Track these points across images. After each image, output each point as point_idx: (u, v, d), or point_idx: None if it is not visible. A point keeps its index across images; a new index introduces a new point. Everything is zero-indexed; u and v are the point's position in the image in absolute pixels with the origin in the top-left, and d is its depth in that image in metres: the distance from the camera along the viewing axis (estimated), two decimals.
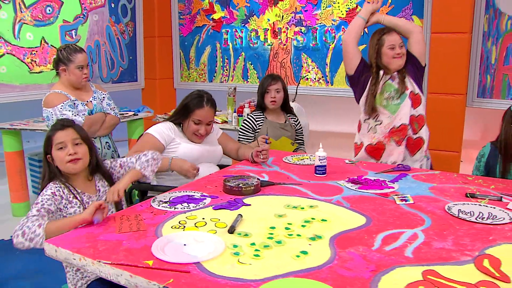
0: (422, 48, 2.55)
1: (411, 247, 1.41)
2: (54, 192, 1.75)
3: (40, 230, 1.54)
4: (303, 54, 4.09)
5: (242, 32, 4.35)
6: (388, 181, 2.05)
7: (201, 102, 2.35)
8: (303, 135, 3.10)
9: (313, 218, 1.63)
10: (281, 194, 1.90)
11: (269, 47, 4.22)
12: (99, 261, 1.34)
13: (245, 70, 4.40)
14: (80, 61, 2.58)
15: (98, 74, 4.27)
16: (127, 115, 3.90)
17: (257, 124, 2.93)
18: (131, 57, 4.59)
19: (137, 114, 3.94)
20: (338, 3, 3.85)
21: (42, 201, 1.70)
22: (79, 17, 4.01)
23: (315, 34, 4.01)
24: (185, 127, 2.40)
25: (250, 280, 1.22)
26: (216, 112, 3.75)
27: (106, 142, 2.77)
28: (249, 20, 4.27)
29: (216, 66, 4.56)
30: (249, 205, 1.78)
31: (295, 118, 3.05)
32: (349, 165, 2.38)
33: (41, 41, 3.70)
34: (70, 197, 1.78)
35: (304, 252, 1.37)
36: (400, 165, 2.31)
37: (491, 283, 1.20)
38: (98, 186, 1.89)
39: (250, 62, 4.35)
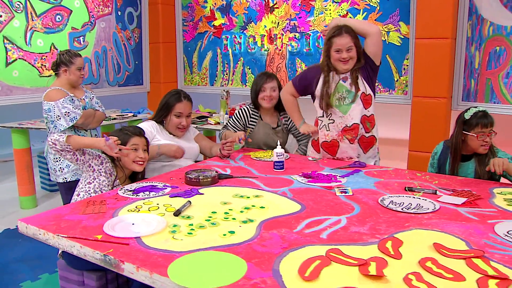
0: (377, 49, 2.62)
1: (329, 231, 1.61)
2: (101, 156, 2.18)
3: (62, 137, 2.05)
4: (298, 59, 4.30)
5: (240, 38, 4.59)
6: (339, 176, 2.24)
7: (179, 97, 2.67)
8: (299, 131, 3.04)
9: (253, 206, 1.85)
10: (235, 186, 2.13)
11: (266, 52, 4.45)
12: (58, 235, 1.60)
13: (243, 74, 4.63)
14: (79, 64, 2.98)
15: (105, 78, 4.59)
16: (127, 116, 4.19)
17: (250, 120, 3.03)
18: (137, 62, 4.90)
19: (136, 116, 4.24)
20: (330, 10, 4.04)
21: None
22: (87, 24, 4.34)
23: (308, 40, 4.22)
24: (167, 124, 2.68)
25: (175, 252, 1.45)
26: (213, 114, 4.00)
27: (95, 135, 3.18)
28: (247, 26, 4.52)
29: (217, 71, 4.82)
30: (202, 194, 2.02)
31: (287, 117, 3.06)
32: (311, 162, 2.58)
33: (50, 47, 4.04)
34: (107, 172, 2.18)
35: (232, 232, 1.59)
36: (357, 162, 2.50)
37: (380, 258, 1.39)
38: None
39: (248, 67, 4.59)
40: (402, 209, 1.82)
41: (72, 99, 2.94)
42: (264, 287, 1.23)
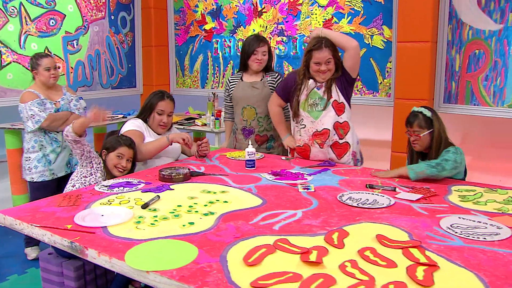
0: (354, 64, 2.74)
1: (283, 223, 1.74)
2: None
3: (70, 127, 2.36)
4: (285, 62, 4.43)
5: (230, 41, 4.74)
6: (307, 174, 2.37)
7: (162, 96, 2.83)
8: None
9: (217, 200, 1.99)
10: (205, 182, 2.27)
11: None
12: (32, 225, 1.74)
13: None
14: (46, 64, 3.12)
15: (99, 80, 4.75)
16: (117, 117, 4.35)
17: (231, 86, 3.24)
18: (130, 65, 5.06)
19: (126, 117, 4.38)
20: (316, 14, 4.17)
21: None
22: (81, 28, 4.50)
23: (295, 43, 4.35)
24: (150, 121, 2.84)
25: (136, 240, 1.58)
26: (202, 116, 4.13)
27: None
28: (236, 30, 4.66)
29: (207, 73, 4.97)
30: (173, 189, 2.15)
31: (274, 75, 3.18)
32: (284, 161, 2.71)
33: (44, 50, 4.19)
34: (101, 172, 2.47)
35: (191, 223, 1.73)
36: (327, 161, 2.62)
37: (322, 247, 1.51)
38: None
39: (237, 70, 4.72)
40: (357, 204, 1.94)
41: (42, 102, 3.08)
42: (208, 270, 1.36)
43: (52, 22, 4.25)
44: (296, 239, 1.58)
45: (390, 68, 3.94)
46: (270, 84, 3.16)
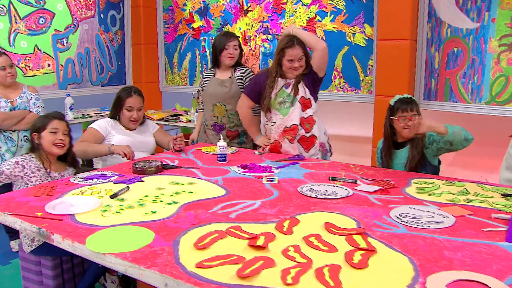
0: (321, 64, 2.89)
1: (240, 212, 1.86)
2: (18, 162, 2.33)
3: None
4: (270, 59, 4.54)
5: None
6: (275, 167, 2.49)
7: (129, 92, 2.95)
8: None
9: (183, 191, 2.11)
10: (176, 175, 2.39)
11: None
12: (4, 213, 1.86)
13: None
14: (1, 63, 3.19)
15: (88, 77, 4.89)
16: (104, 114, 4.48)
17: (204, 82, 3.37)
18: (120, 63, 5.19)
19: None
20: (300, 13, 4.29)
21: (3, 165, 2.30)
22: (70, 26, 4.63)
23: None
24: (121, 118, 2.96)
25: (99, 226, 1.71)
26: (188, 113, 4.26)
27: (25, 136, 3.31)
28: (223, 28, 4.77)
29: (196, 71, 5.09)
30: (144, 181, 2.27)
31: (243, 70, 3.30)
32: (255, 155, 2.84)
33: (34, 48, 4.33)
34: (34, 168, 2.34)
35: (154, 211, 1.85)
36: (297, 155, 2.74)
37: (270, 233, 1.63)
38: (67, 168, 2.50)
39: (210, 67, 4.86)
40: (315, 195, 2.05)
41: None
42: (160, 253, 1.48)
43: (42, 21, 4.38)
44: (249, 226, 1.70)
45: (372, 66, 4.05)
46: (239, 80, 3.29)
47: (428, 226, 1.72)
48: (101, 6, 4.91)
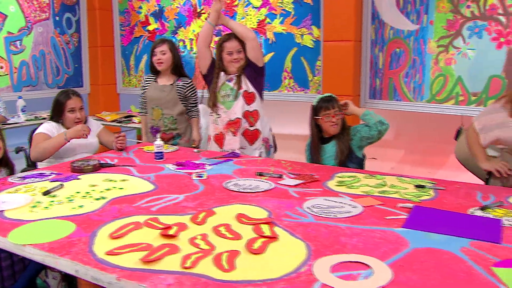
0: (256, 54, 3.08)
1: (162, 205, 2.01)
2: None
3: None
4: None
5: None
6: (209, 164, 2.66)
7: (68, 95, 3.06)
8: (196, 99, 3.58)
9: (114, 187, 2.25)
10: (112, 172, 2.53)
11: (195, 55, 4.87)
12: None
13: None
14: None
15: (44, 80, 4.99)
16: None
17: (145, 85, 3.57)
18: (76, 65, 5.31)
19: None
20: (250, 15, 4.47)
21: None
22: (24, 29, 4.74)
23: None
24: (64, 121, 3.07)
25: (25, 220, 1.84)
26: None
27: None
28: (177, 31, 4.94)
29: None
30: (79, 179, 2.41)
31: (187, 81, 3.52)
32: (193, 153, 3.01)
33: None
34: None
35: (81, 206, 1.99)
36: (232, 153, 2.92)
37: (182, 224, 1.77)
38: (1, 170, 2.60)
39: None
40: (238, 189, 2.22)
41: None
42: (77, 243, 1.63)
43: None
44: (166, 218, 1.85)
45: (320, 66, 4.25)
46: (179, 90, 3.49)
47: (335, 215, 1.89)
48: (56, 8, 5.02)
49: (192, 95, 3.55)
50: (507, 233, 1.70)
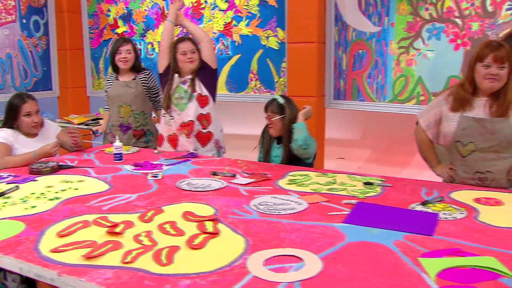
0: (210, 55, 3.23)
1: (114, 204, 2.09)
2: None
3: None
4: None
5: (140, 44, 5.10)
6: (166, 165, 2.75)
7: (23, 99, 3.00)
8: (159, 88, 3.68)
9: (70, 188, 2.33)
10: (70, 174, 2.60)
11: None
12: None
13: None
14: None
15: (11, 83, 5.03)
16: None
17: (107, 84, 3.68)
18: (45, 68, 5.34)
19: None
20: (217, 18, 4.57)
21: None
22: None
23: (198, 45, 4.73)
24: (20, 126, 3.00)
25: None
26: None
27: None
28: (146, 34, 5.03)
29: None
30: (36, 180, 2.49)
31: (146, 73, 3.68)
32: (152, 154, 3.10)
33: None
34: None
35: (34, 206, 2.06)
36: (190, 153, 3.02)
37: (129, 222, 1.86)
38: None
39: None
40: (190, 188, 2.31)
41: None
42: (24, 241, 1.70)
43: None
44: (115, 217, 1.93)
45: (285, 68, 4.36)
46: (143, 82, 3.63)
47: (279, 212, 1.99)
48: (23, 11, 5.06)
49: (155, 85, 3.72)
50: (441, 226, 1.81)
